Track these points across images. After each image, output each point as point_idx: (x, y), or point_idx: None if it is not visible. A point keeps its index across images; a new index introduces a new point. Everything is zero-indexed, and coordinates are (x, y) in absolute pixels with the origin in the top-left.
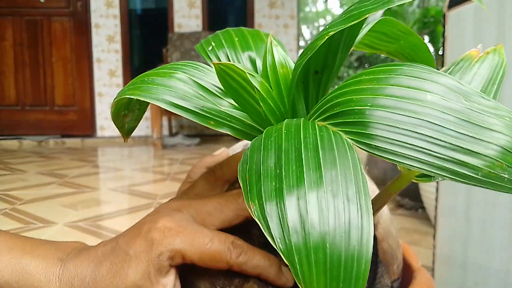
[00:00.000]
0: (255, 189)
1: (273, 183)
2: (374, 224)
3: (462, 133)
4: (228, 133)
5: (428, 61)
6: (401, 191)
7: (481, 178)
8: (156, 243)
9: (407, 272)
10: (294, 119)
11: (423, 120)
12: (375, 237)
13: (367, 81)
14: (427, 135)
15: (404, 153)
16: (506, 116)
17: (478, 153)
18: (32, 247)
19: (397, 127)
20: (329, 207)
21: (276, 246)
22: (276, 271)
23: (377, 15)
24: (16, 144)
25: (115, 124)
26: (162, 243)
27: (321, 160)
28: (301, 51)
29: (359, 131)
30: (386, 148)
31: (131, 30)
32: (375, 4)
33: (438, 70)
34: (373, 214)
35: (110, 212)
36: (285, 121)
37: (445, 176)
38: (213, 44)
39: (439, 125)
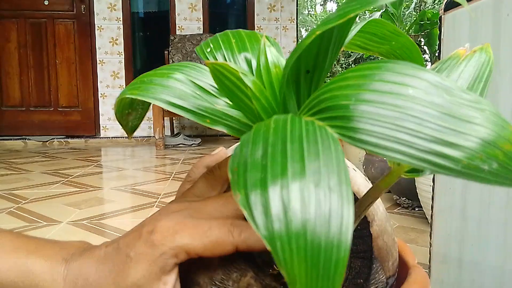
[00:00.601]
0: (241, 180)
1: (259, 174)
2: (369, 222)
3: (443, 126)
4: (224, 131)
5: (418, 61)
6: (399, 190)
7: (461, 169)
8: (158, 244)
9: (403, 269)
10: (283, 115)
11: (405, 113)
12: (370, 234)
13: (352, 78)
14: (408, 128)
15: (386, 145)
16: (487, 109)
17: (458, 145)
18: (37, 247)
19: (380, 120)
20: (311, 196)
21: (260, 233)
22: None
23: (374, 17)
24: (21, 144)
25: (120, 122)
26: (164, 242)
27: (305, 152)
28: None
29: (344, 125)
30: (369, 141)
31: (133, 32)
32: (360, 3)
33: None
34: (365, 209)
35: (113, 210)
36: (273, 116)
37: (426, 167)
38: (211, 46)
39: (421, 118)
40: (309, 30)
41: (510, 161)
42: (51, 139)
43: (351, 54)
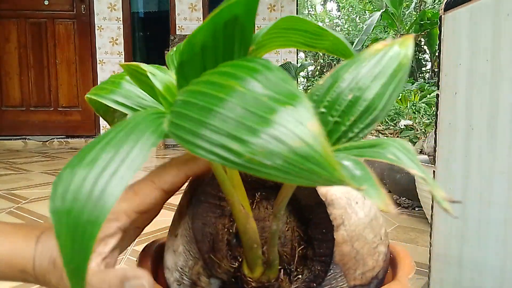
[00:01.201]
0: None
1: (76, 160)
2: (333, 226)
3: (241, 123)
4: None
5: (350, 55)
6: (399, 190)
7: (244, 163)
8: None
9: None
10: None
11: (213, 109)
12: (333, 238)
13: (199, 80)
14: (213, 125)
15: (186, 138)
16: (293, 105)
17: (244, 140)
18: (13, 229)
19: (190, 116)
20: (89, 181)
21: (49, 209)
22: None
23: (375, 17)
24: (21, 144)
25: (105, 120)
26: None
27: (110, 142)
28: (300, 53)
29: (172, 120)
30: (179, 135)
31: (133, 32)
32: None
33: (434, 71)
34: (276, 207)
35: None
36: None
37: (214, 159)
38: (174, 49)
39: (222, 114)
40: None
41: (297, 157)
42: (51, 139)
43: None
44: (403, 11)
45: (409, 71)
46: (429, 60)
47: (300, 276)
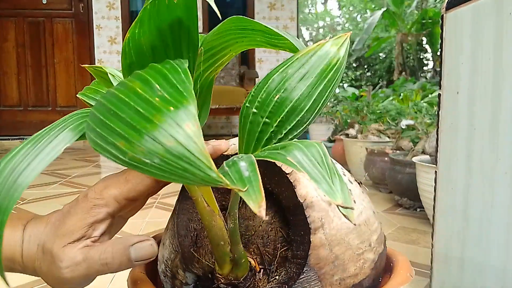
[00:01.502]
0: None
1: (8, 153)
2: (312, 229)
3: (129, 122)
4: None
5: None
6: (400, 190)
7: (128, 160)
8: (90, 198)
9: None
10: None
11: (112, 110)
12: (309, 241)
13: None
14: (107, 123)
15: (91, 136)
16: (177, 107)
17: (129, 140)
18: None
19: (97, 116)
20: (6, 171)
21: None
22: None
23: (376, 15)
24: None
25: None
26: (96, 197)
27: (35, 138)
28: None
29: (87, 120)
30: (88, 133)
31: None
32: None
33: (436, 70)
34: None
35: None
36: None
37: (106, 155)
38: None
39: (118, 115)
40: (309, 29)
41: (172, 157)
42: None
43: (352, 53)
44: (404, 10)
45: (342, 70)
46: (430, 59)
47: (277, 277)
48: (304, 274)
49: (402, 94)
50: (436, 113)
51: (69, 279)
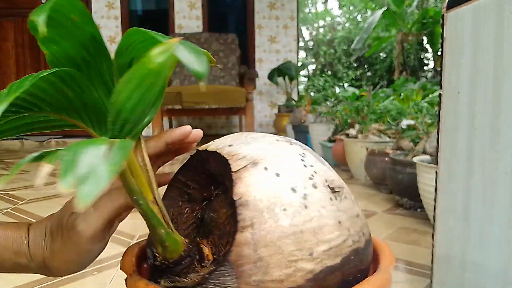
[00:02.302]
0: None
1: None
2: (239, 226)
3: None
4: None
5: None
6: (401, 191)
7: None
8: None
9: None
10: None
11: None
12: (234, 238)
13: None
14: None
15: None
16: None
17: None
18: (4, 223)
19: None
20: None
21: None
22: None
23: (376, 15)
24: (18, 145)
25: None
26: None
27: None
28: (301, 52)
29: None
30: None
31: None
32: None
33: (436, 70)
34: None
35: None
36: None
37: None
38: None
39: None
40: (310, 28)
41: None
42: (48, 139)
43: (352, 53)
44: (405, 10)
45: (163, 74)
46: (431, 59)
47: (207, 266)
48: (222, 268)
49: (402, 94)
50: (437, 113)
51: (84, 234)
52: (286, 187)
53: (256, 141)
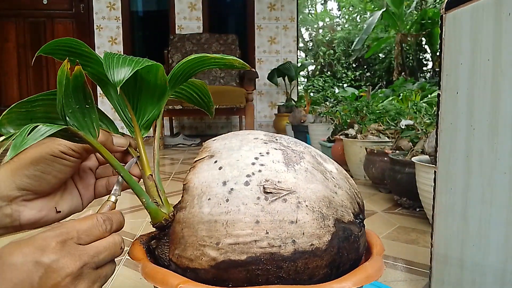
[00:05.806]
0: None
1: None
2: (179, 207)
3: None
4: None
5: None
6: (399, 190)
7: None
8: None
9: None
10: None
11: None
12: (174, 215)
13: None
14: None
15: None
16: None
17: None
18: None
19: None
20: None
21: None
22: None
23: (375, 16)
24: None
25: None
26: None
27: None
28: (300, 52)
29: None
30: None
31: (133, 31)
32: None
33: (435, 71)
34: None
35: None
36: None
37: None
38: None
39: None
40: (309, 29)
41: None
42: None
43: (352, 53)
44: (404, 10)
45: (77, 80)
46: (430, 59)
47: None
48: (165, 238)
49: (401, 94)
50: (436, 113)
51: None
52: (219, 180)
53: (235, 138)
